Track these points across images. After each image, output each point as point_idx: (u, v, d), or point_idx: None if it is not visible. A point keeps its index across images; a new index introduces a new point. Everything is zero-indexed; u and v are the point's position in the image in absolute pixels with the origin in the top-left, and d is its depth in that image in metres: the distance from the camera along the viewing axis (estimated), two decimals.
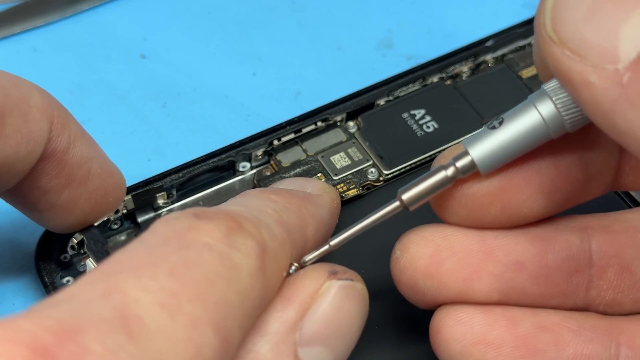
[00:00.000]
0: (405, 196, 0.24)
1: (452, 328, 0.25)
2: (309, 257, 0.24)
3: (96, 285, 0.19)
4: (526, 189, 0.24)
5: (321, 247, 0.25)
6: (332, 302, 0.23)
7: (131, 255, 0.20)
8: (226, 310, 0.20)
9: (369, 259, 0.29)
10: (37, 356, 0.17)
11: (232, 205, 0.24)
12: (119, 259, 0.20)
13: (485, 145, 0.23)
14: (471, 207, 0.24)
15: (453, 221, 0.25)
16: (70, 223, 0.29)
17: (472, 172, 0.23)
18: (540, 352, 0.25)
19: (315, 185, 0.29)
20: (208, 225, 0.21)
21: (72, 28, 0.39)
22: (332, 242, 0.25)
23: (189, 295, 0.19)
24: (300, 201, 0.26)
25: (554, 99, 0.22)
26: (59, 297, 0.19)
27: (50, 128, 0.27)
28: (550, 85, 0.22)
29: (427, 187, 0.23)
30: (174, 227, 0.21)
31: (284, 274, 0.23)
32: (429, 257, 0.25)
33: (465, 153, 0.23)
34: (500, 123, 0.23)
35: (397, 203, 0.24)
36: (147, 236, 0.21)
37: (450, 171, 0.23)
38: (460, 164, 0.23)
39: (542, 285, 0.25)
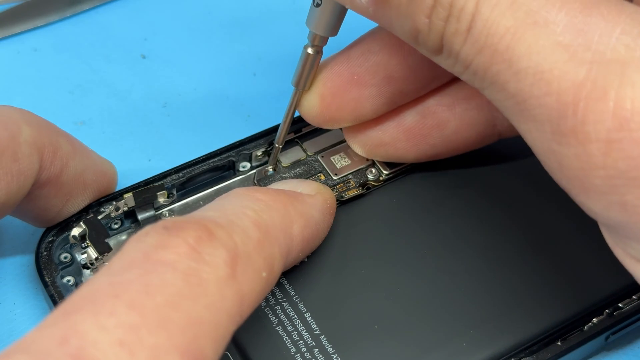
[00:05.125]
0: (294, 82, 0.29)
1: (356, 141, 0.31)
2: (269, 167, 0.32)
3: (55, 329, 0.19)
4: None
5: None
6: None
7: (94, 288, 0.20)
8: (194, 330, 0.20)
9: (369, 259, 0.29)
10: None
11: (209, 210, 0.25)
12: (82, 293, 0.20)
13: (313, 18, 0.28)
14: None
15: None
16: (64, 219, 0.30)
17: (320, 39, 0.28)
18: (428, 136, 0.30)
19: (308, 186, 0.29)
20: (175, 241, 0.22)
21: (72, 28, 0.39)
22: (277, 142, 0.31)
23: (149, 326, 0.20)
24: (287, 199, 0.27)
25: None
26: (17, 346, 0.19)
27: (42, 158, 0.27)
28: None
29: (301, 66, 0.29)
30: (141, 247, 0.22)
31: (263, 274, 0.23)
32: (319, 108, 0.30)
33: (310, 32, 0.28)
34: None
35: (294, 89, 0.29)
36: (114, 261, 0.22)
37: (309, 49, 0.28)
38: (310, 37, 0.28)
39: (416, 81, 0.29)
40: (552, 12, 0.21)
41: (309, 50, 0.28)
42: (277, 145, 0.31)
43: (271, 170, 0.32)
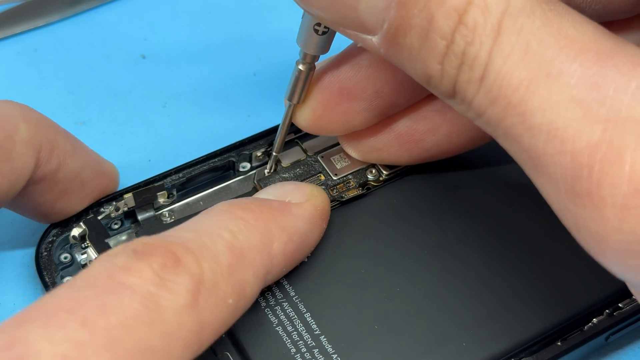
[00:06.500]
0: (288, 97, 0.29)
1: (350, 146, 0.31)
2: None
3: (4, 335, 0.20)
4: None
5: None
6: None
7: (52, 300, 0.21)
8: (143, 357, 0.20)
9: (369, 259, 0.29)
10: None
11: (184, 230, 0.25)
12: (39, 304, 0.21)
13: (304, 38, 0.28)
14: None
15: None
16: (66, 217, 0.30)
17: (312, 57, 0.28)
18: (421, 141, 0.30)
19: (298, 193, 0.29)
20: (140, 265, 0.22)
21: (72, 28, 0.39)
22: (274, 151, 0.31)
23: (96, 346, 0.20)
24: (270, 214, 0.26)
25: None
26: None
27: (38, 156, 0.27)
28: None
29: (293, 82, 0.29)
30: (107, 267, 0.22)
31: (230, 301, 0.23)
32: (311, 120, 0.30)
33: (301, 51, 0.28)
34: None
35: (288, 103, 0.29)
36: (79, 276, 0.22)
37: (300, 66, 0.28)
38: (301, 55, 0.28)
39: (406, 94, 0.29)
40: (565, 62, 0.21)
41: (301, 67, 0.28)
42: (274, 153, 0.31)
43: (267, 173, 0.32)
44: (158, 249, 0.22)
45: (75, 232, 0.30)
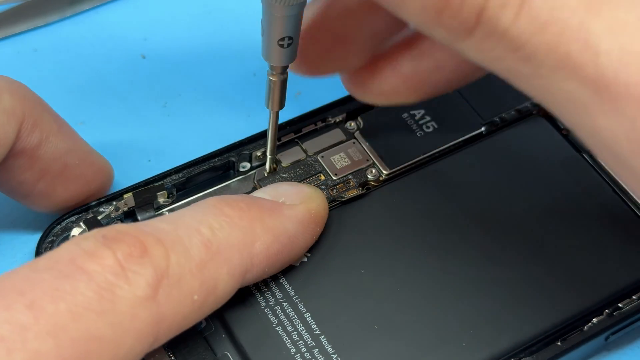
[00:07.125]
0: (268, 106, 0.29)
1: (358, 94, 0.30)
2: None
3: None
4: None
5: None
6: None
7: (9, 278, 0.21)
8: (89, 346, 0.20)
9: (369, 259, 0.29)
10: None
11: (164, 220, 0.24)
12: None
13: (270, 53, 0.28)
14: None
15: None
16: (50, 209, 0.30)
17: (281, 68, 0.28)
18: (429, 79, 0.28)
19: (293, 194, 0.29)
20: (105, 252, 0.22)
21: (72, 28, 0.39)
22: (269, 154, 0.31)
23: (39, 331, 0.20)
24: (257, 214, 0.26)
25: None
26: None
27: (20, 128, 0.27)
28: None
29: (269, 92, 0.29)
30: (73, 250, 0.21)
31: (195, 297, 0.23)
32: (307, 73, 0.29)
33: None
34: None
35: (269, 110, 0.29)
36: (43, 256, 0.22)
37: (271, 77, 0.28)
38: (270, 67, 0.28)
39: (403, 23, 0.26)
40: None
41: (272, 78, 0.28)
42: (269, 156, 0.31)
43: (266, 174, 0.32)
44: (128, 237, 0.22)
45: (75, 232, 0.30)
